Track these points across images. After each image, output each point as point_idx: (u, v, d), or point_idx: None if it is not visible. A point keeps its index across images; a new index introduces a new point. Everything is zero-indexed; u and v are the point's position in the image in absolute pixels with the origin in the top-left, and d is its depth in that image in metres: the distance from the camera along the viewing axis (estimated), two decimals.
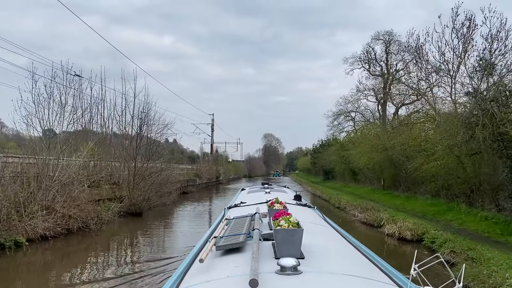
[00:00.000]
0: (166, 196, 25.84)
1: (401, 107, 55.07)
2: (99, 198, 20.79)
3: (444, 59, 18.50)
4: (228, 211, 5.91)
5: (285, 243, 2.56)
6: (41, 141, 15.82)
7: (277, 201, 4.18)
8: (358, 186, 41.24)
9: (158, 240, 16.49)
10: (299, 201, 6.77)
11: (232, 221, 3.96)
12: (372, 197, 30.44)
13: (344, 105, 57.86)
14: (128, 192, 21.48)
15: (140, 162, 21.52)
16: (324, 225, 4.72)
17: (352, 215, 22.03)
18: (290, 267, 2.26)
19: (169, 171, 28.38)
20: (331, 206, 28.93)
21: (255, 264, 2.19)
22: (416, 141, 22.30)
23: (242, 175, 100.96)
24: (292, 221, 2.67)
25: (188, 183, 40.67)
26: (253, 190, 9.39)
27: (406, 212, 20.82)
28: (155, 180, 22.07)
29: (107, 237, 15.97)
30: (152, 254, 13.21)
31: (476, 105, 13.59)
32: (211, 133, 66.76)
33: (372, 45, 57.45)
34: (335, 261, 2.80)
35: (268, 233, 3.17)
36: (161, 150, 22.65)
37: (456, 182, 20.03)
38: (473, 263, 9.50)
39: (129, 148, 21.29)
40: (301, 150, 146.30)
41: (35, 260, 12.33)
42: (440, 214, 18.78)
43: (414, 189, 26.08)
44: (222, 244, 2.96)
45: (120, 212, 20.63)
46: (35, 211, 13.74)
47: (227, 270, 2.49)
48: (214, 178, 58.52)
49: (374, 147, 30.01)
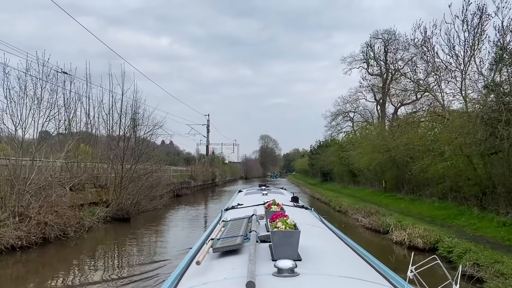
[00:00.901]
0: (157, 199, 24.45)
1: (400, 107, 54.18)
2: (83, 202, 19.34)
3: (454, 52, 17.20)
4: (225, 213, 5.85)
5: (282, 245, 2.55)
6: (12, 140, 14.32)
7: (274, 203, 4.08)
8: (358, 188, 39.94)
9: (145, 249, 15.02)
10: (296, 203, 6.71)
11: (229, 223, 3.96)
12: (373, 200, 29.12)
13: (343, 105, 56.69)
14: (115, 196, 20.03)
15: (129, 164, 20.07)
16: (321, 227, 4.70)
17: (355, 219, 20.65)
18: (287, 269, 2.25)
19: (160, 173, 26.97)
20: (331, 210, 27.56)
21: (252, 266, 2.19)
22: (421, 140, 20.98)
23: (238, 176, 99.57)
24: (289, 223, 2.64)
25: (182, 186, 39.19)
26: (250, 192, 9.30)
27: (413, 216, 19.48)
28: (144, 183, 20.62)
29: (88, 247, 14.48)
30: (137, 266, 11.77)
31: (498, 100, 12.26)
32: (207, 134, 65.24)
33: (371, 44, 56.50)
34: (332, 263, 2.81)
35: (265, 235, 3.12)
36: (150, 150, 21.08)
37: (466, 184, 18.74)
38: (505, 280, 8.12)
39: (116, 149, 19.83)
40: (298, 151, 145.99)
41: (2, 274, 10.88)
42: (450, 218, 17.45)
43: (419, 191, 24.78)
44: (219, 246, 2.93)
45: (106, 217, 19.19)
46: (4, 218, 12.27)
47: (224, 272, 2.47)
48: (209, 180, 57.05)
49: (375, 147, 28.70)
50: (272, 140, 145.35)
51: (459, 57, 16.95)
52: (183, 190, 38.72)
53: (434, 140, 20.41)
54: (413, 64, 19.68)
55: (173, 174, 38.30)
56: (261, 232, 3.27)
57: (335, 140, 56.58)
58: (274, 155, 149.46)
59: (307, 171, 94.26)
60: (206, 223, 21.61)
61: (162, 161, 26.35)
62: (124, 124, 19.85)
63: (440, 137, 17.77)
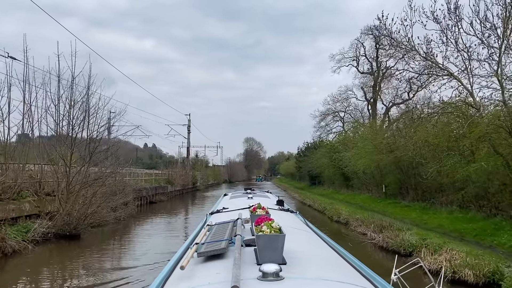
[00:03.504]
0: (121, 208, 20.25)
1: (392, 107, 51.35)
2: (18, 215, 15.06)
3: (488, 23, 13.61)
4: (210, 217, 5.80)
5: (267, 249, 2.52)
6: None
7: (259, 207, 3.98)
8: (352, 192, 36.29)
9: (94, 281, 10.74)
10: (281, 207, 6.63)
11: (214, 227, 3.92)
12: (374, 207, 25.42)
13: (332, 104, 53.40)
14: (61, 206, 15.76)
15: (77, 166, 15.84)
16: (306, 230, 4.71)
17: (361, 233, 16.82)
18: (272, 273, 2.23)
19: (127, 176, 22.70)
20: (327, 220, 23.72)
21: (236, 271, 2.17)
22: (438, 138, 17.32)
23: (222, 180, 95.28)
24: (274, 226, 2.61)
25: (157, 191, 34.84)
26: (236, 195, 9.16)
27: (433, 231, 15.81)
28: (101, 189, 16.39)
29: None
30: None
31: None
32: (187, 135, 60.85)
33: (361, 40, 53.45)
34: (317, 267, 2.78)
35: (250, 239, 3.07)
36: (106, 149, 16.74)
37: (500, 190, 15.19)
38: None
39: (62, 146, 15.59)
40: (283, 154, 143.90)
41: None
42: (485, 234, 13.79)
43: (431, 198, 21.18)
44: (203, 250, 2.91)
45: (47, 234, 14.93)
46: None
47: (208, 277, 2.45)
48: (190, 185, 52.71)
49: (377, 147, 25.07)
50: (257, 142, 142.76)
51: (497, 28, 13.35)
52: (158, 196, 34.40)
53: (457, 138, 16.79)
54: (428, 41, 15.97)
55: (145, 178, 33.98)
56: (246, 236, 3.22)
57: (323, 142, 53.17)
58: (259, 158, 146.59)
59: (293, 175, 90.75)
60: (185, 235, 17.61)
61: (125, 163, 22.06)
62: (72, 115, 15.61)
63: (471, 133, 14.12)
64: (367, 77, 53.96)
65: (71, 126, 15.64)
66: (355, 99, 53.48)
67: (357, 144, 31.99)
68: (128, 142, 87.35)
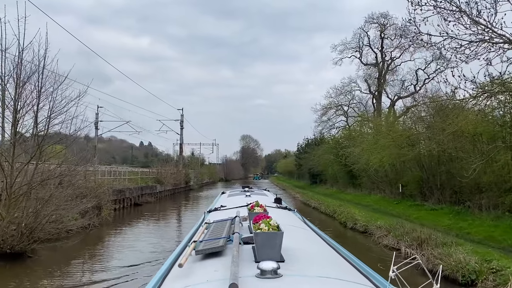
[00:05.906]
0: (92, 214, 16.63)
1: (397, 100, 47.88)
2: None
3: None
4: (208, 215, 5.79)
5: (265, 247, 2.51)
6: None
7: (257, 204, 3.97)
8: (361, 192, 32.75)
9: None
10: (279, 204, 6.68)
11: (212, 225, 3.87)
12: (391, 210, 21.92)
13: (335, 97, 49.79)
14: (1, 216, 12.05)
15: (23, 162, 12.13)
16: (304, 228, 4.72)
17: (386, 247, 13.25)
18: (270, 270, 2.21)
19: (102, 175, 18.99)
20: (339, 226, 20.11)
21: (235, 268, 2.15)
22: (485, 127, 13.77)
23: (218, 179, 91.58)
24: (272, 224, 2.61)
25: (143, 192, 31.10)
26: (234, 193, 9.22)
27: (483, 244, 12.33)
28: (53, 192, 12.67)
29: None
30: None
31: None
32: (180, 130, 57.10)
33: (365, 29, 49.99)
34: (315, 264, 2.78)
35: (248, 237, 3.06)
36: (55, 142, 12.83)
37: None
38: None
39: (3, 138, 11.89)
40: (280, 152, 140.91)
41: None
42: None
43: (466, 200, 17.62)
44: (201, 248, 2.89)
45: None
46: None
47: (206, 275, 2.42)
48: (182, 184, 49.00)
49: (395, 140, 21.48)
50: (254, 140, 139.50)
51: None
52: (144, 198, 30.68)
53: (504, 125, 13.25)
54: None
55: (127, 177, 30.27)
56: (244, 234, 3.21)
57: (326, 138, 49.65)
58: (256, 156, 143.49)
59: (291, 173, 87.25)
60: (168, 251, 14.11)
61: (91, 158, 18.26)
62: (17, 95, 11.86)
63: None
64: (371, 69, 50.56)
65: (15, 110, 11.92)
66: (359, 92, 50.04)
67: (368, 138, 28.49)
68: (116, 139, 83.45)
